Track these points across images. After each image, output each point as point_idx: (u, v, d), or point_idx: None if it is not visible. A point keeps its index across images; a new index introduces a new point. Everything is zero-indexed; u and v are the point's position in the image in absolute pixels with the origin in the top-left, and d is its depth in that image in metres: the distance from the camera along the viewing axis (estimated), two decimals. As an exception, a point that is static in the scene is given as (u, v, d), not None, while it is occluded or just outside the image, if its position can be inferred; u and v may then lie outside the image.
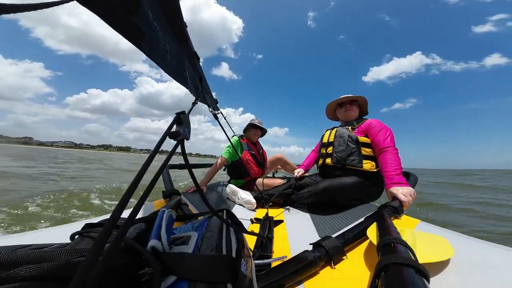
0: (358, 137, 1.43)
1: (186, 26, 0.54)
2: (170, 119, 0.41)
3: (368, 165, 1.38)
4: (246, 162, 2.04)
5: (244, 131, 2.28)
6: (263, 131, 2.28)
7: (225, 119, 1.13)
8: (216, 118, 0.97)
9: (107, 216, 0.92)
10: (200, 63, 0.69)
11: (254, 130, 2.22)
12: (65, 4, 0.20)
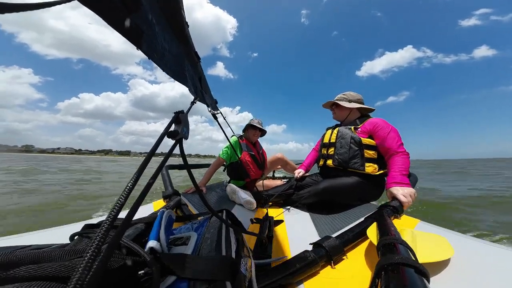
0: (362, 138, 1.38)
1: (188, 25, 0.54)
2: (166, 121, 0.40)
3: (370, 168, 1.34)
4: (245, 163, 2.02)
5: (243, 131, 2.25)
6: (262, 132, 2.25)
7: (224, 119, 1.12)
8: (215, 118, 0.97)
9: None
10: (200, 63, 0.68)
11: (253, 131, 2.19)
12: (52, 7, 0.19)
